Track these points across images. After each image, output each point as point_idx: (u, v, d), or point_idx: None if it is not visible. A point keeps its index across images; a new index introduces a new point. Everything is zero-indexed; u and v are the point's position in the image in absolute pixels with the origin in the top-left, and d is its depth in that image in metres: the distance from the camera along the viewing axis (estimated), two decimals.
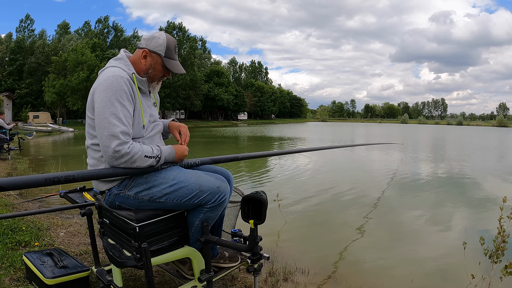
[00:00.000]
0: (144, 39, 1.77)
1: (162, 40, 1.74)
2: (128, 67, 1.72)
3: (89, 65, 40.86)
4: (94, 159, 1.71)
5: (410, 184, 7.44)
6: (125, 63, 1.74)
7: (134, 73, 1.71)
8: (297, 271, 2.94)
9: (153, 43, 1.74)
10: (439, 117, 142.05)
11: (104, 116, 1.55)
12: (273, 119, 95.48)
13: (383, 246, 3.83)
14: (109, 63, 1.75)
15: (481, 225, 4.66)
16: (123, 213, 1.62)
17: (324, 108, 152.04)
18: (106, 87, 1.58)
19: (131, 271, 2.40)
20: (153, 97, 1.92)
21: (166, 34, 1.78)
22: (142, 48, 1.76)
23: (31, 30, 55.23)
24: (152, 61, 1.76)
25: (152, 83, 1.82)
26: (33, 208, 4.26)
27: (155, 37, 1.75)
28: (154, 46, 1.74)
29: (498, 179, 8.54)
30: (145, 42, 1.76)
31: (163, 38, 1.74)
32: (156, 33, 1.77)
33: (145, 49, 1.75)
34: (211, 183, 1.70)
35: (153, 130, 1.82)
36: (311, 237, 4.13)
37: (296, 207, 5.35)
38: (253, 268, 1.88)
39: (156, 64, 1.77)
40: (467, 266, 2.96)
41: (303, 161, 10.94)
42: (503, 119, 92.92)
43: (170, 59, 1.78)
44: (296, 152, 3.88)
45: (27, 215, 3.23)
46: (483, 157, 13.54)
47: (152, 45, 1.74)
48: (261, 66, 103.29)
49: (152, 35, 1.76)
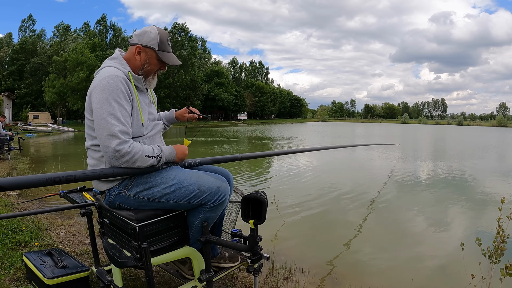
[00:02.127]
0: (136, 35, 1.75)
1: (154, 34, 1.73)
2: (123, 66, 1.72)
3: (89, 65, 40.86)
4: (94, 159, 1.71)
5: (409, 184, 7.44)
6: (120, 62, 1.73)
7: (130, 72, 1.70)
8: (297, 271, 2.94)
9: (145, 38, 1.73)
10: (439, 117, 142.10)
11: (102, 117, 1.55)
12: (273, 119, 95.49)
13: (383, 246, 3.83)
14: (104, 63, 1.74)
15: (481, 225, 4.66)
16: (123, 213, 1.62)
17: (324, 108, 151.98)
18: (102, 87, 1.58)
19: (131, 271, 2.40)
20: (150, 95, 1.92)
21: (157, 27, 1.77)
22: (135, 44, 1.74)
23: (32, 30, 55.33)
24: (146, 56, 1.75)
25: (148, 77, 1.81)
26: (33, 208, 4.26)
27: (147, 31, 1.73)
28: (147, 41, 1.73)
29: (498, 178, 8.54)
30: (137, 38, 1.74)
31: (154, 32, 1.73)
32: (147, 28, 1.75)
33: (138, 45, 1.73)
34: (211, 183, 1.70)
35: (153, 129, 1.81)
36: (311, 237, 4.13)
37: (296, 207, 5.35)
38: (253, 268, 1.88)
39: (151, 58, 1.76)
40: (467, 266, 2.96)
41: (302, 161, 10.94)
42: (503, 119, 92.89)
43: (164, 51, 1.77)
44: (296, 152, 3.89)
45: (27, 215, 3.23)
46: (483, 156, 13.54)
47: (144, 40, 1.73)
48: (261, 66, 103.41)
49: (144, 30, 1.75)
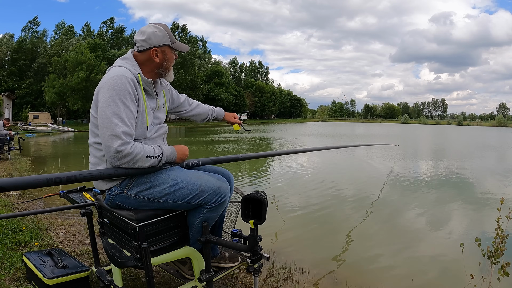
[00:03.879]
0: (143, 40, 1.71)
1: (161, 31, 1.73)
2: (134, 67, 1.71)
3: (88, 65, 40.88)
4: (96, 158, 1.71)
5: (409, 184, 7.44)
6: (131, 63, 1.72)
7: (140, 74, 1.70)
8: (297, 271, 2.95)
9: (156, 39, 1.72)
10: (439, 117, 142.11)
11: (107, 116, 1.55)
12: (273, 119, 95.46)
13: (383, 246, 3.83)
14: (116, 62, 1.75)
15: (482, 225, 4.66)
16: (123, 213, 1.62)
17: (324, 108, 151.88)
18: (110, 86, 1.58)
19: (131, 271, 2.40)
20: (162, 99, 1.91)
21: (155, 24, 1.76)
22: (148, 48, 1.72)
23: (35, 31, 55.42)
24: (163, 54, 1.76)
25: (168, 72, 1.82)
26: (33, 208, 4.27)
27: (152, 32, 1.72)
28: (159, 41, 1.72)
29: (498, 178, 8.54)
30: (147, 42, 1.71)
31: (160, 29, 1.73)
32: (148, 29, 1.73)
33: (153, 48, 1.72)
34: (211, 184, 1.71)
35: (156, 132, 1.81)
36: (311, 237, 4.14)
37: (296, 207, 5.36)
38: (253, 268, 1.88)
39: (167, 54, 1.77)
40: (467, 266, 2.96)
41: (303, 161, 10.94)
42: (503, 119, 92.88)
43: (175, 42, 1.79)
44: (296, 152, 3.89)
45: (27, 215, 3.23)
46: (482, 156, 13.54)
47: (156, 41, 1.72)
48: (261, 66, 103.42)
49: (147, 32, 1.72)
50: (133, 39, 1.80)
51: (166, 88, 1.99)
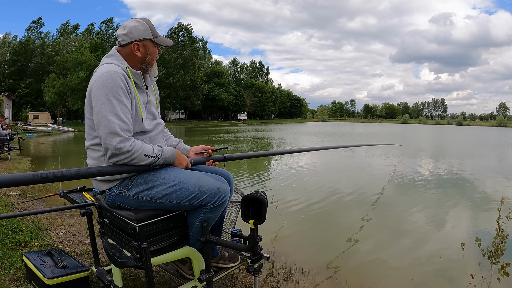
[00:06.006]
0: (125, 34, 1.72)
1: (143, 25, 1.73)
2: (121, 61, 1.71)
3: (89, 65, 40.84)
4: (94, 159, 1.71)
5: (410, 184, 7.44)
6: (118, 58, 1.72)
7: (128, 67, 1.70)
8: (297, 271, 2.94)
9: (137, 32, 1.72)
10: (439, 117, 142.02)
11: (103, 114, 1.55)
12: (273, 119, 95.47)
13: (383, 246, 3.83)
14: (102, 61, 1.74)
15: (482, 225, 4.65)
16: (123, 213, 1.62)
17: (324, 108, 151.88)
18: (101, 84, 1.58)
19: (131, 271, 2.40)
20: (153, 93, 1.90)
21: (137, 18, 1.76)
22: (129, 42, 1.73)
23: (38, 32, 55.50)
24: (145, 48, 1.75)
25: (150, 67, 1.81)
26: (33, 208, 4.26)
27: (134, 26, 1.72)
28: (140, 35, 1.72)
29: (498, 178, 8.53)
30: (128, 36, 1.72)
31: (141, 23, 1.73)
32: (130, 23, 1.73)
33: (134, 41, 1.72)
34: (211, 184, 1.70)
35: (154, 130, 1.81)
36: (311, 237, 4.13)
37: (296, 207, 5.36)
38: (253, 268, 1.88)
39: (149, 48, 1.76)
40: (467, 266, 2.96)
41: (303, 161, 10.94)
42: (503, 119, 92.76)
43: (157, 37, 1.78)
44: (296, 152, 3.89)
45: (27, 215, 3.23)
46: (482, 155, 13.53)
47: (137, 35, 1.72)
48: (262, 66, 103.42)
49: (129, 26, 1.72)
50: (115, 34, 1.80)
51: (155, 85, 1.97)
